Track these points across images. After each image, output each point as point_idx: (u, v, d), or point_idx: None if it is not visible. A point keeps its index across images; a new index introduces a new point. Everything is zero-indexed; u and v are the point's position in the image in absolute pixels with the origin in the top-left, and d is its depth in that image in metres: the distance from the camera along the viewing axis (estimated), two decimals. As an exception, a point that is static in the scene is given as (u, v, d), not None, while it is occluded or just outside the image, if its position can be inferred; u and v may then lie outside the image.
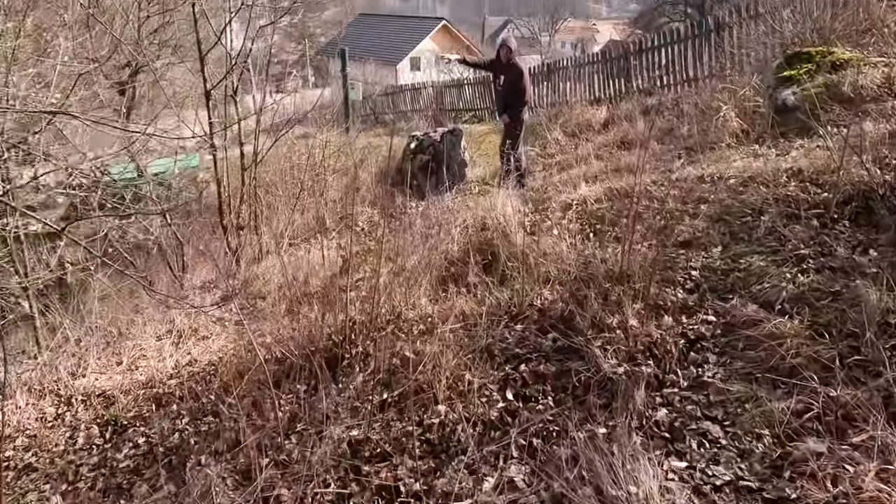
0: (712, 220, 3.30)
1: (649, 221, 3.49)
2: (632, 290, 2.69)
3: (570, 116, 9.96)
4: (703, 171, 4.09)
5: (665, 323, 2.50)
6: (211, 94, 5.50)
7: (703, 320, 2.53)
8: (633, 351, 2.39)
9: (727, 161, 4.31)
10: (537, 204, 5.16)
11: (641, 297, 2.64)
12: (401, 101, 19.84)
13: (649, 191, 4.01)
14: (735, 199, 3.43)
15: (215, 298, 5.11)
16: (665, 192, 3.88)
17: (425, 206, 6.64)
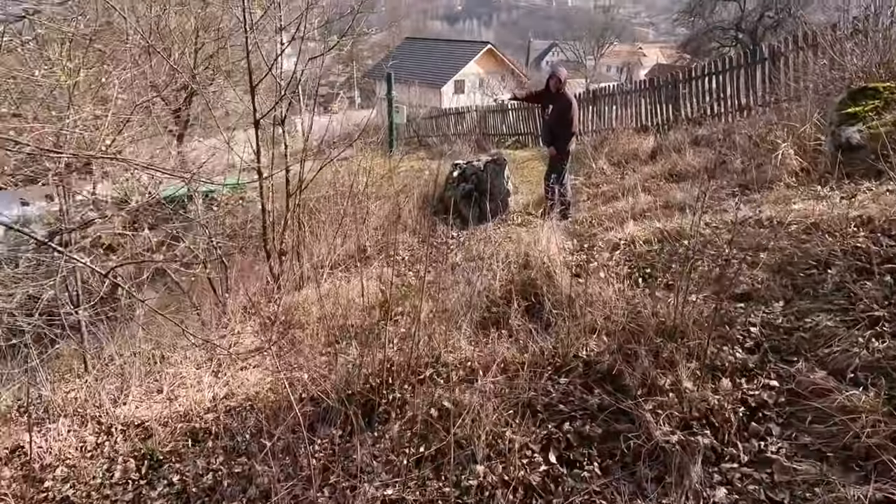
0: (773, 271, 3.10)
1: (703, 269, 3.30)
2: (685, 347, 2.53)
3: (615, 145, 9.78)
4: (760, 214, 3.88)
5: (723, 387, 2.33)
6: (260, 123, 5.59)
7: (765, 385, 2.35)
8: (688, 418, 2.23)
9: (787, 203, 4.08)
10: (582, 240, 5.02)
11: (696, 356, 2.47)
12: (444, 124, 19.97)
13: (702, 234, 3.82)
14: (798, 248, 3.22)
15: (255, 327, 5.12)
16: (720, 235, 3.69)
17: (467, 237, 6.59)
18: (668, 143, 8.77)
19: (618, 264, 3.75)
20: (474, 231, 6.67)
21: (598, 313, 3.03)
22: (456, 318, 3.78)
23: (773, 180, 4.80)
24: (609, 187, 8.08)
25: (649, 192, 7.01)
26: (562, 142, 6.76)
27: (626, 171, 8.45)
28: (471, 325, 3.55)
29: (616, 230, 4.66)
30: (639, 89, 11.62)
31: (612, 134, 10.45)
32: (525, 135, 15.60)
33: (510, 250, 5.27)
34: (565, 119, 6.70)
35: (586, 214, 6.86)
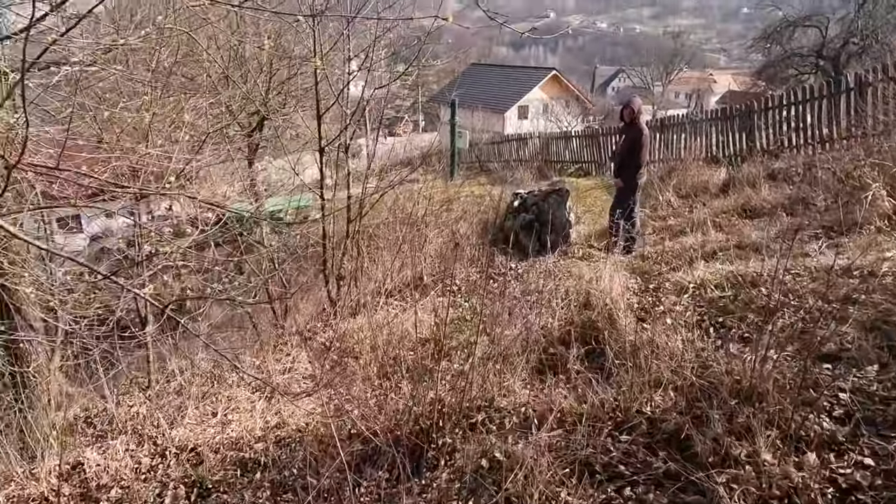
0: (865, 329, 2.81)
1: (784, 322, 3.04)
2: (764, 412, 2.30)
3: (684, 176, 9.39)
4: (849, 261, 3.55)
5: (808, 462, 2.09)
6: (325, 150, 5.71)
7: (858, 463, 2.09)
8: (767, 496, 2.00)
9: (879, 250, 3.74)
10: (648, 280, 4.78)
11: (777, 424, 2.24)
12: (506, 150, 19.94)
13: (783, 281, 3.54)
14: (894, 304, 2.92)
15: (311, 353, 5.15)
16: (803, 284, 3.40)
17: (526, 269, 6.43)
18: (742, 175, 8.35)
19: (686, 310, 3.52)
20: (533, 263, 6.50)
21: (664, 365, 2.82)
22: (512, 358, 3.65)
23: (862, 223, 4.42)
24: (676, 221, 7.75)
25: (720, 229, 6.66)
26: (629, 173, 6.60)
27: (694, 204, 8.08)
28: (527, 367, 3.40)
29: (684, 270, 4.41)
30: (710, 118, 11.19)
31: (681, 164, 10.07)
32: (588, 162, 15.32)
33: (570, 286, 5.09)
34: (634, 149, 6.55)
35: (651, 250, 6.58)
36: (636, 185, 6.65)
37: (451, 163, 19.03)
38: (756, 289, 3.47)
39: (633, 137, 6.56)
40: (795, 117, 9.26)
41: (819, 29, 22.39)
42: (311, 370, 4.84)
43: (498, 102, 35.84)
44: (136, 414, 4.35)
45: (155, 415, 3.98)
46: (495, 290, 5.98)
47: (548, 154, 17.57)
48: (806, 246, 4.33)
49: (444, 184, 17.37)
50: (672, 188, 9.01)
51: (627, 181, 6.63)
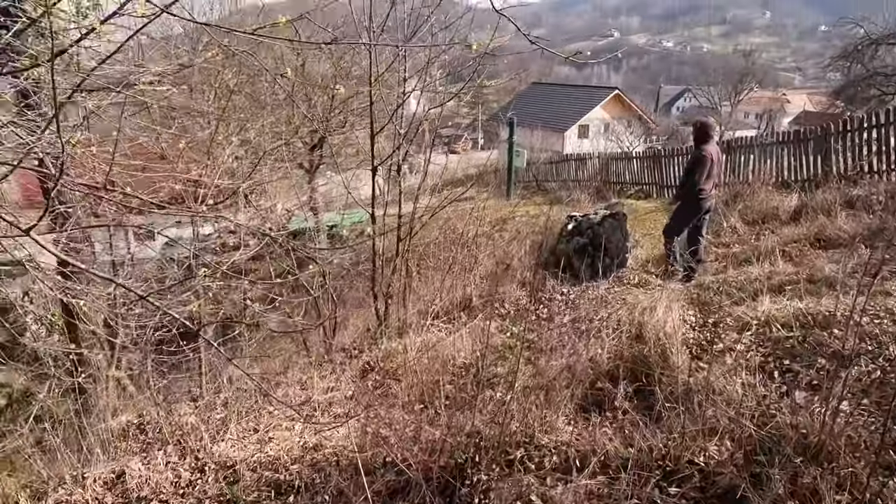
0: (956, 383, 2.51)
1: (860, 370, 2.75)
2: (834, 475, 2.06)
3: (751, 201, 8.92)
4: (937, 304, 3.21)
5: (886, 538, 1.84)
6: (377, 169, 5.75)
7: (947, 542, 1.83)
8: (837, 575, 1.77)
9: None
10: (707, 312, 4.50)
11: (848, 489, 1.99)
12: (564, 170, 19.64)
13: (859, 323, 3.22)
14: None
15: (355, 372, 5.13)
16: (883, 327, 3.08)
17: (577, 295, 6.22)
18: (815, 202, 7.84)
19: (748, 349, 3.25)
20: (586, 289, 6.28)
21: (720, 411, 2.60)
22: (556, 389, 3.49)
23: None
24: (741, 248, 7.35)
25: (790, 260, 6.25)
26: (682, 193, 6.55)
27: (762, 231, 7.65)
28: (571, 402, 3.23)
29: (748, 304, 4.12)
30: (781, 140, 10.62)
31: (748, 188, 9.58)
32: (649, 184, 14.87)
33: (623, 316, 4.86)
34: (691, 170, 6.37)
35: (713, 279, 6.24)
36: (692, 207, 6.36)
37: (508, 182, 18.91)
38: (828, 330, 3.18)
39: (695, 157, 6.39)
40: (877, 140, 8.65)
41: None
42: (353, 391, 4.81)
43: (558, 121, 35.56)
44: (183, 424, 4.44)
45: (199, 428, 4.03)
46: (544, 315, 5.81)
47: (607, 175, 17.16)
48: (888, 284, 3.96)
49: (499, 202, 17.30)
50: (738, 213, 8.57)
51: (681, 202, 6.56)
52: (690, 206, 6.37)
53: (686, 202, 6.45)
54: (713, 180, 6.31)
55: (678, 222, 6.56)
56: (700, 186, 6.21)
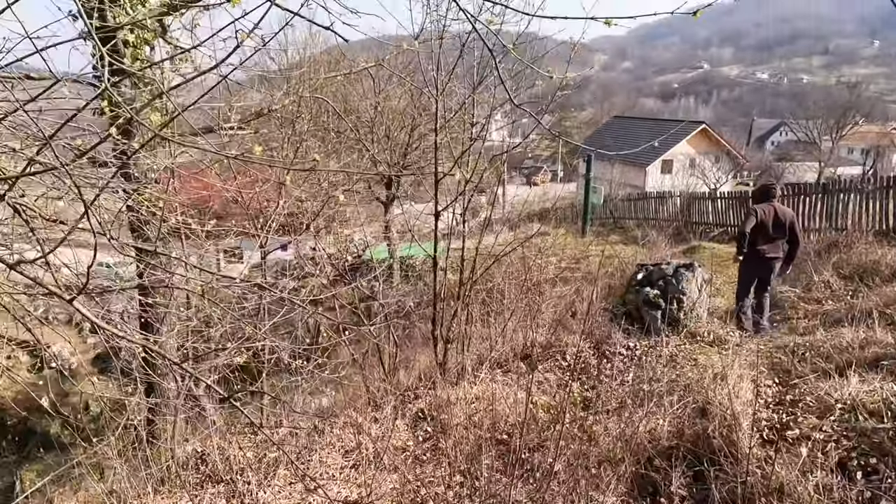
0: None
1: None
2: None
3: (848, 253, 8.19)
4: None
5: None
6: (440, 215, 5.76)
7: None
8: None
9: None
10: (786, 386, 4.10)
11: None
12: (643, 208, 19.00)
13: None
14: None
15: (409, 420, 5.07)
16: None
17: (644, 351, 5.89)
18: (925, 258, 7.09)
19: (828, 440, 2.91)
20: (655, 344, 5.94)
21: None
22: (610, 460, 3.27)
23: None
24: (834, 307, 6.73)
25: (891, 324, 5.63)
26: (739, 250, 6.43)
27: (859, 287, 6.97)
28: (622, 481, 3.00)
29: (834, 380, 3.70)
30: (886, 185, 9.73)
31: (845, 239, 8.81)
32: (735, 226, 14.05)
33: (692, 380, 4.53)
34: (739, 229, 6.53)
35: (799, 341, 5.73)
36: (750, 265, 6.45)
37: (584, 219, 18.53)
38: (926, 425, 2.79)
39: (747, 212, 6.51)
40: None
41: None
42: (407, 437, 4.76)
43: (639, 156, 34.60)
44: (235, 463, 4.54)
45: (247, 472, 4.10)
46: (607, 372, 5.53)
47: (689, 215, 16.43)
48: None
49: (575, 240, 16.93)
50: (832, 266, 7.89)
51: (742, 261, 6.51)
52: (748, 263, 6.45)
53: (745, 260, 6.46)
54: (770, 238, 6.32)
55: (741, 282, 6.63)
56: (756, 246, 6.30)
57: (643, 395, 4.43)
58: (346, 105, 12.96)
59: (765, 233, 6.24)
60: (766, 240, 6.28)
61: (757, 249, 6.29)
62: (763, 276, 6.45)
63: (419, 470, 4.00)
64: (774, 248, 6.34)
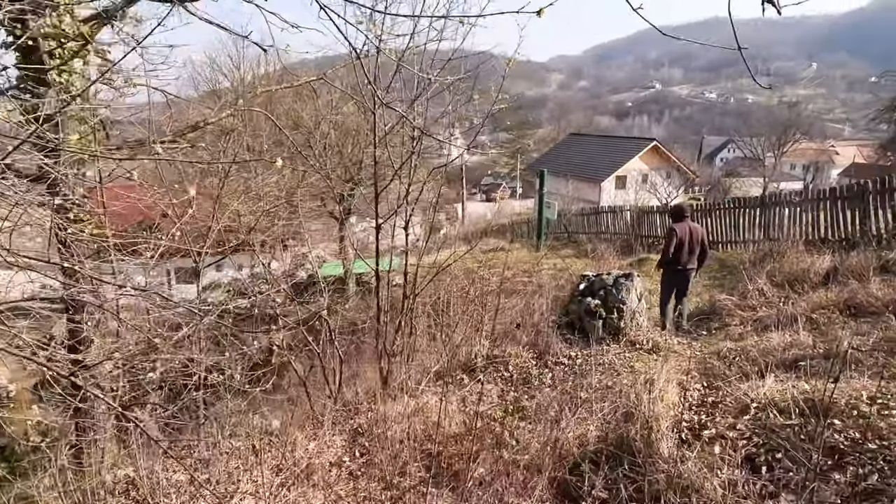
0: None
1: (854, 472, 2.47)
2: None
3: (781, 262, 8.52)
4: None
5: None
6: (381, 228, 5.76)
7: None
8: None
9: None
10: (712, 387, 4.21)
11: None
12: (595, 222, 19.40)
13: (863, 414, 2.92)
14: None
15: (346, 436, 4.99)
16: (893, 421, 2.78)
17: (584, 360, 5.97)
18: (848, 265, 7.43)
19: (741, 437, 2.99)
20: (596, 353, 6.03)
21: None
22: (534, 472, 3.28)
23: None
24: (766, 313, 6.97)
25: (816, 328, 5.87)
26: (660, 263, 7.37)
27: (791, 294, 7.25)
28: (549, 488, 3.02)
29: (753, 381, 3.83)
30: (816, 198, 10.20)
31: (777, 248, 9.19)
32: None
33: (625, 386, 4.61)
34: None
35: (731, 346, 5.92)
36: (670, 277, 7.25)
37: (538, 233, 18.79)
38: (827, 421, 2.89)
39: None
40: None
41: (957, 100, 20.25)
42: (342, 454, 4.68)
43: (595, 172, 35.44)
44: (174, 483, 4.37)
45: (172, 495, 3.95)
46: (547, 382, 5.58)
47: (638, 228, 16.83)
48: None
49: (529, 254, 17.12)
50: (766, 274, 8.19)
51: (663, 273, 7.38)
52: (669, 276, 7.23)
53: (665, 273, 7.28)
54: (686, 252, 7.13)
55: (663, 292, 7.37)
56: (675, 259, 7.08)
57: (578, 401, 4.48)
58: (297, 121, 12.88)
59: (681, 248, 7.03)
60: (684, 254, 7.07)
61: (676, 263, 7.06)
62: (681, 286, 7.23)
63: (352, 485, 3.94)
64: (691, 260, 7.16)
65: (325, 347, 6.97)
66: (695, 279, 7.64)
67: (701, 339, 6.79)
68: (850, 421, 2.69)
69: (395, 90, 5.60)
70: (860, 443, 2.62)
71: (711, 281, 10.13)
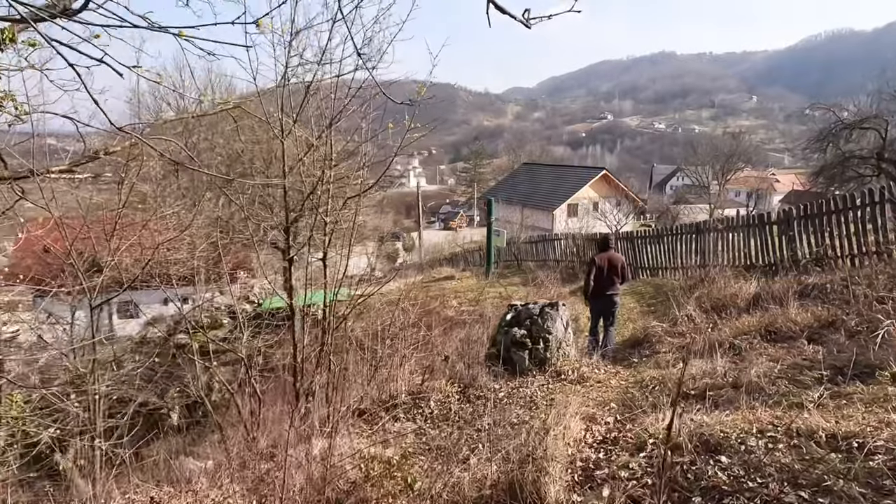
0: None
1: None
2: None
3: (710, 288, 8.63)
4: (834, 424, 2.83)
5: None
6: (293, 260, 5.52)
7: None
8: None
9: (886, 409, 2.99)
10: (624, 419, 4.09)
11: None
12: (543, 250, 19.55)
13: (749, 448, 2.83)
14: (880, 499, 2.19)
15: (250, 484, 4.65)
16: (775, 455, 2.69)
17: (507, 393, 5.81)
18: (772, 290, 7.55)
19: (631, 477, 2.85)
20: (519, 386, 5.88)
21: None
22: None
23: (880, 365, 3.66)
24: (694, 339, 6.98)
25: (737, 355, 5.88)
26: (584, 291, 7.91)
27: (718, 320, 7.30)
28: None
29: (657, 414, 3.72)
30: (746, 224, 10.46)
31: (706, 274, 9.33)
32: (630, 264, 14.60)
33: (540, 421, 4.46)
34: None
35: (654, 374, 5.87)
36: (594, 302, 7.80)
37: (487, 261, 18.79)
38: (715, 459, 2.78)
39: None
40: (838, 226, 8.48)
41: (878, 131, 21.43)
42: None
43: (548, 200, 36.03)
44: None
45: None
46: (468, 417, 5.38)
47: (584, 255, 17.00)
48: (807, 393, 3.59)
49: (477, 282, 17.04)
50: (696, 301, 8.26)
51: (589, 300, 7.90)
52: (595, 301, 7.74)
53: (592, 299, 7.77)
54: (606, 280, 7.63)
55: (592, 316, 7.88)
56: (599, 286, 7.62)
57: (489, 440, 4.30)
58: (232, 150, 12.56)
59: (603, 276, 7.57)
60: (605, 281, 7.59)
61: (601, 289, 7.58)
62: (605, 310, 7.68)
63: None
64: (613, 286, 7.64)
65: (243, 387, 6.63)
66: (620, 303, 8.10)
67: (632, 367, 6.74)
68: (736, 458, 2.58)
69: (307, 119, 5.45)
70: (741, 480, 2.50)
71: (648, 307, 10.20)
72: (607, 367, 6.56)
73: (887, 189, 7.95)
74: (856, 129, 22.15)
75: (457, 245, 30.39)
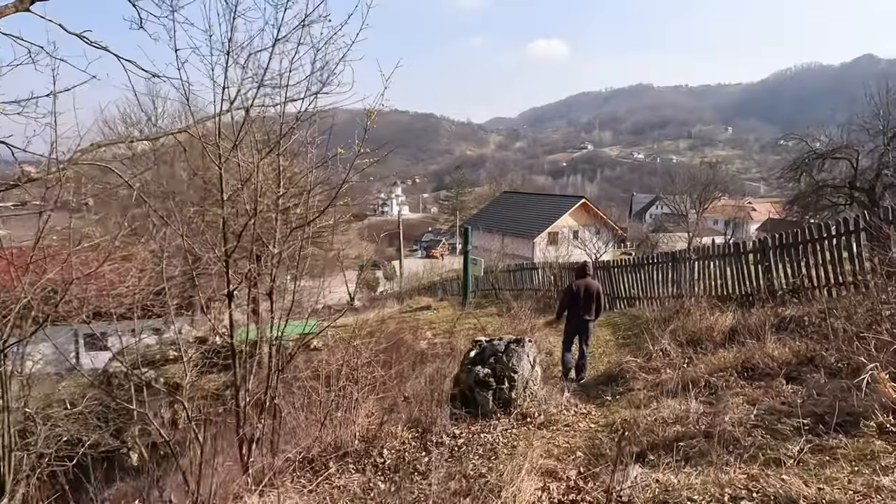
0: None
1: None
2: None
3: (685, 320, 8.29)
4: (816, 491, 2.44)
5: None
6: (233, 295, 5.07)
7: None
8: None
9: (873, 468, 2.62)
10: (588, 473, 3.67)
11: None
12: (520, 278, 19.22)
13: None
14: None
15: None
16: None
17: (468, 439, 5.35)
18: (749, 323, 7.22)
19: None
20: (482, 429, 5.43)
21: None
22: None
23: (863, 414, 3.30)
24: (669, 375, 6.60)
25: (712, 394, 5.51)
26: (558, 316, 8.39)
27: (693, 355, 6.94)
28: None
29: (620, 472, 3.31)
30: (721, 254, 10.19)
31: (681, 306, 9.01)
32: (607, 294, 14.26)
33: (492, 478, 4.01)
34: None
35: (627, 415, 5.47)
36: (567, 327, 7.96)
37: (464, 291, 18.38)
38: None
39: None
40: (814, 255, 8.23)
41: (850, 161, 21.68)
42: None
43: (528, 229, 35.87)
44: None
45: None
46: (421, 468, 4.90)
47: (561, 284, 16.68)
48: (786, 446, 3.21)
49: (454, 311, 16.59)
50: (671, 334, 7.89)
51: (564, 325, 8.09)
52: (570, 323, 7.90)
53: (568, 321, 7.94)
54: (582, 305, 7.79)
55: (565, 337, 7.95)
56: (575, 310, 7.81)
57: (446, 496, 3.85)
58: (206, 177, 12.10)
59: (578, 301, 7.78)
60: (581, 306, 7.77)
61: (576, 313, 7.80)
62: (580, 331, 7.82)
63: None
64: (588, 311, 7.78)
65: (185, 434, 6.09)
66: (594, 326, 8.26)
67: (604, 406, 6.34)
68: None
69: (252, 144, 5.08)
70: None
71: (624, 340, 9.83)
72: (577, 407, 6.15)
73: (861, 217, 7.75)
74: (828, 158, 22.41)
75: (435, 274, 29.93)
